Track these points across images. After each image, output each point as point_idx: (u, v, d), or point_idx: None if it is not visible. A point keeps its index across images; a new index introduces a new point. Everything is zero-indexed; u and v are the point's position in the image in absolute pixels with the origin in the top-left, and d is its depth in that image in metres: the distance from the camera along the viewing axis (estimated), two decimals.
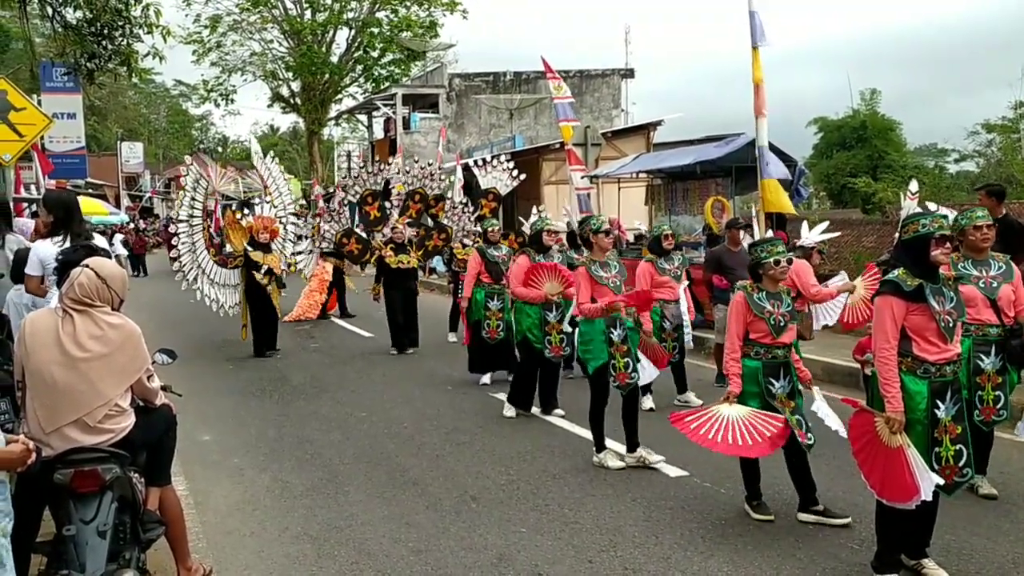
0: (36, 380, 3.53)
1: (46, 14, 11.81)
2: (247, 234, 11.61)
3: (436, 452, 6.83)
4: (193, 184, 11.29)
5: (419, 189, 12.56)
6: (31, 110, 9.63)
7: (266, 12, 36.42)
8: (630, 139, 22.34)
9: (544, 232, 8.04)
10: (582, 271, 6.41)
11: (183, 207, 11.28)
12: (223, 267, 11.50)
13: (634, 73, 32.84)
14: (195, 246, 11.24)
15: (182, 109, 62.88)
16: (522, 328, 7.89)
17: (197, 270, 11.25)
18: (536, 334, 7.80)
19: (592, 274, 6.34)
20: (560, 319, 7.80)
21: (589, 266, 6.40)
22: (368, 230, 12.43)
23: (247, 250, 11.33)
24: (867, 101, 35.19)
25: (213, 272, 11.41)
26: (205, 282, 11.30)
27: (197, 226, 11.33)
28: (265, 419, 8.06)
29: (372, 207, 12.26)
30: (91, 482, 3.42)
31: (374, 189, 12.37)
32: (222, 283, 11.48)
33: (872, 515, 4.66)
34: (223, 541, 5.09)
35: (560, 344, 7.82)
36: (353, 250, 12.19)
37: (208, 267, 11.36)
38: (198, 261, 11.25)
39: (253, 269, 11.21)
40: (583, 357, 6.40)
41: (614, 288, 6.33)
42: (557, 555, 4.79)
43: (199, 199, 11.32)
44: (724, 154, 12.56)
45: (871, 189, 25.84)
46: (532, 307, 7.78)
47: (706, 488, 5.81)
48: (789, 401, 5.13)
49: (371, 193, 12.30)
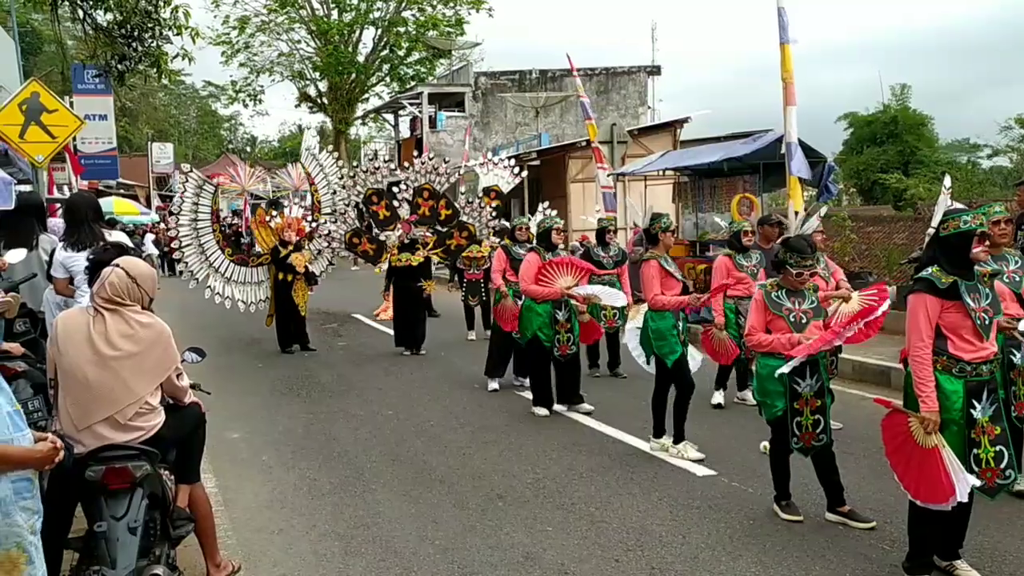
0: (68, 378, 3.58)
1: (77, 16, 11.95)
2: (275, 233, 11.81)
3: (462, 450, 6.84)
4: (195, 190, 11.55)
5: (426, 185, 12.11)
6: (63, 112, 9.75)
7: (293, 12, 36.73)
8: (657, 136, 22.23)
9: (552, 230, 8.08)
10: (654, 264, 6.47)
11: (184, 212, 11.51)
12: (243, 266, 11.75)
13: (660, 70, 32.71)
14: (203, 247, 11.49)
15: (211, 110, 63.44)
16: (532, 327, 7.89)
17: (208, 269, 11.49)
18: (546, 333, 7.82)
19: (664, 267, 6.45)
20: (568, 319, 7.83)
21: (660, 260, 6.47)
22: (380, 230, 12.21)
23: (277, 249, 11.59)
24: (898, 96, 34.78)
25: (229, 271, 11.67)
26: (219, 281, 11.54)
27: (204, 229, 11.55)
28: (293, 417, 8.12)
29: (379, 207, 11.93)
30: (122, 479, 3.46)
31: (377, 188, 12.05)
32: (242, 281, 11.74)
33: (903, 515, 4.60)
34: (252, 538, 5.12)
35: (567, 343, 7.83)
36: (368, 250, 12.01)
37: (223, 267, 11.61)
38: (209, 261, 11.51)
39: (281, 269, 11.50)
40: (659, 352, 6.44)
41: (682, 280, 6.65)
42: (583, 554, 4.77)
43: (204, 202, 11.53)
44: (752, 151, 12.44)
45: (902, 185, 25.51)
46: (542, 306, 7.80)
47: (734, 488, 5.76)
48: (815, 400, 5.07)
49: (375, 192, 11.98)
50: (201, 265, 11.46)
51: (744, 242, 7.90)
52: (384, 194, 12.12)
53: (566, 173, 21.90)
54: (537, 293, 7.73)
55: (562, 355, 7.86)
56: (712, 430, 7.16)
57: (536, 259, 7.85)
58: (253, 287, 11.86)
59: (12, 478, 2.92)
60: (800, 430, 5.06)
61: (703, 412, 7.70)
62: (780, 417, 5.08)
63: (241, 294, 11.72)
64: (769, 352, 5.08)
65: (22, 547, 2.91)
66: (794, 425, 5.06)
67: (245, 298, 11.79)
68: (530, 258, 7.96)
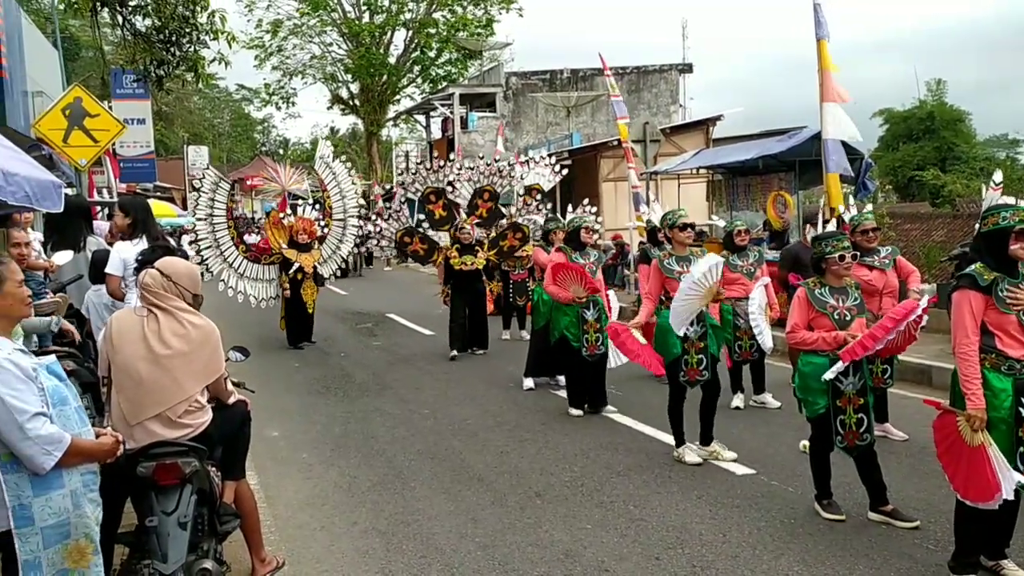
0: (122, 375, 3.66)
1: (116, 22, 12.14)
2: (286, 234, 12.07)
3: (500, 449, 6.86)
4: (211, 187, 11.74)
5: (487, 187, 12.12)
6: (105, 116, 9.95)
7: (325, 15, 37.07)
8: (689, 135, 22.16)
9: (582, 229, 7.99)
10: (653, 264, 6.42)
11: (200, 208, 11.70)
12: (256, 263, 11.99)
13: (692, 68, 32.57)
14: (219, 243, 11.69)
15: (244, 113, 64.21)
16: (559, 327, 7.88)
17: (223, 264, 11.71)
18: (573, 332, 7.79)
19: (663, 267, 6.32)
20: (597, 318, 7.78)
21: (662, 260, 6.38)
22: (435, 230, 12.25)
23: (282, 248, 11.94)
24: (934, 91, 34.29)
25: (243, 267, 11.89)
26: (233, 276, 11.77)
27: (220, 225, 11.73)
28: (331, 416, 8.20)
29: (436, 206, 11.93)
30: (172, 475, 3.52)
31: (436, 187, 12.08)
32: (254, 277, 11.96)
33: (947, 515, 4.56)
34: (294, 534, 5.19)
35: (595, 343, 7.79)
36: (418, 250, 11.97)
37: (236, 262, 11.83)
38: (224, 256, 11.72)
39: (285, 269, 11.91)
40: (658, 351, 6.34)
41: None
42: (623, 552, 4.78)
43: (220, 200, 11.71)
44: (787, 148, 12.36)
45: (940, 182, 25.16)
46: (570, 307, 7.76)
47: (774, 487, 5.73)
48: (857, 398, 5.03)
49: (434, 191, 12.00)
50: (216, 260, 11.68)
51: (737, 242, 7.83)
52: (443, 194, 12.10)
53: (598, 172, 21.88)
54: (554, 294, 7.73)
55: (590, 354, 7.81)
56: (751, 430, 7.13)
57: (562, 257, 7.83)
58: (264, 284, 12.07)
59: (81, 471, 3.02)
60: (844, 429, 5.01)
61: (735, 413, 7.66)
62: (822, 415, 5.05)
63: (252, 289, 11.94)
64: (812, 349, 5.04)
65: (90, 537, 3.00)
66: (837, 424, 5.02)
67: (256, 294, 12.00)
68: (555, 256, 7.95)
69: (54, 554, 2.94)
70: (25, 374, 2.90)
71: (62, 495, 2.95)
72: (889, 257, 6.58)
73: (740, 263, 7.77)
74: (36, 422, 2.86)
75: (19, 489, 2.90)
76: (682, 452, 6.33)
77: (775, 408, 7.74)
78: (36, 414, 2.87)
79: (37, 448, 2.86)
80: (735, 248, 7.84)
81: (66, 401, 3.04)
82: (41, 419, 2.88)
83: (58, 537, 2.94)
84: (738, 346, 7.75)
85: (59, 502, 2.94)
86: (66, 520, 2.96)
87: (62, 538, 2.95)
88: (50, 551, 2.92)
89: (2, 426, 2.84)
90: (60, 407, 3.00)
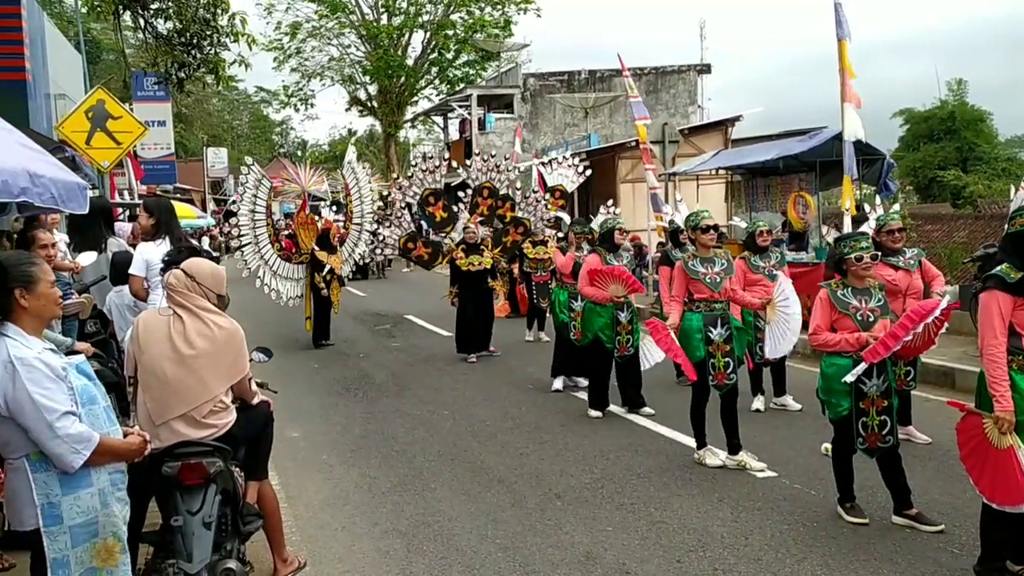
0: (148, 375, 3.69)
1: (138, 25, 12.25)
2: (317, 234, 12.20)
3: (519, 450, 6.86)
4: (255, 183, 11.74)
5: (486, 184, 12.02)
6: (127, 118, 10.04)
7: (344, 18, 37.24)
8: (707, 135, 22.08)
9: (616, 230, 7.97)
10: (678, 266, 6.39)
11: (244, 203, 11.76)
12: (287, 261, 12.07)
13: (710, 68, 32.42)
14: (258, 239, 11.74)
15: (263, 114, 64.57)
16: (594, 328, 7.87)
17: (259, 261, 11.77)
18: (608, 334, 7.79)
19: (687, 269, 6.29)
20: (630, 320, 7.78)
21: (687, 261, 6.35)
22: (437, 232, 12.19)
23: (314, 250, 12.05)
24: (954, 91, 34.02)
25: (277, 265, 11.96)
26: (268, 273, 11.84)
27: (260, 222, 11.78)
28: (350, 416, 8.22)
29: (436, 207, 11.84)
30: (197, 474, 3.55)
31: (435, 188, 11.94)
32: (285, 276, 12.05)
33: (971, 519, 4.52)
34: (316, 535, 5.21)
35: (627, 344, 7.79)
36: (423, 255, 11.94)
37: (272, 260, 11.90)
38: (261, 253, 11.78)
39: (316, 269, 11.97)
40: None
41: (711, 284, 6.23)
42: (645, 554, 4.76)
43: (262, 197, 11.76)
44: (808, 148, 12.26)
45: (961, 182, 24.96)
46: (604, 307, 7.76)
47: (796, 489, 5.69)
48: (881, 400, 4.99)
49: (432, 193, 11.86)
50: (254, 256, 11.76)
51: (759, 242, 7.77)
52: (442, 195, 12.02)
53: (616, 174, 21.84)
54: (590, 295, 7.71)
55: (620, 355, 7.83)
56: (772, 433, 7.09)
57: (596, 260, 7.81)
58: (293, 283, 12.18)
59: (109, 469, 3.05)
60: (866, 431, 4.98)
61: (756, 416, 7.63)
62: (845, 417, 5.01)
63: (283, 288, 12.05)
64: (835, 351, 5.01)
65: (118, 536, 3.03)
66: (859, 426, 4.98)
67: (286, 292, 12.11)
68: (590, 259, 7.93)
69: (82, 552, 2.96)
70: (55, 373, 2.93)
71: (90, 494, 2.98)
72: (915, 258, 6.52)
73: (762, 264, 7.71)
74: (65, 421, 2.88)
75: (48, 488, 2.93)
76: (703, 454, 6.31)
77: (796, 410, 7.70)
78: (65, 413, 2.89)
79: (66, 447, 2.89)
80: (757, 249, 7.78)
81: (95, 400, 3.06)
82: (70, 418, 2.90)
83: (86, 536, 2.97)
84: (759, 348, 7.70)
85: (87, 501, 2.97)
86: (94, 519, 2.99)
87: (90, 537, 2.98)
88: (78, 550, 2.95)
89: (32, 425, 2.87)
90: (89, 406, 3.02)
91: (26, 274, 3.01)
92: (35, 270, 3.04)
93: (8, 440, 2.96)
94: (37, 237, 5.30)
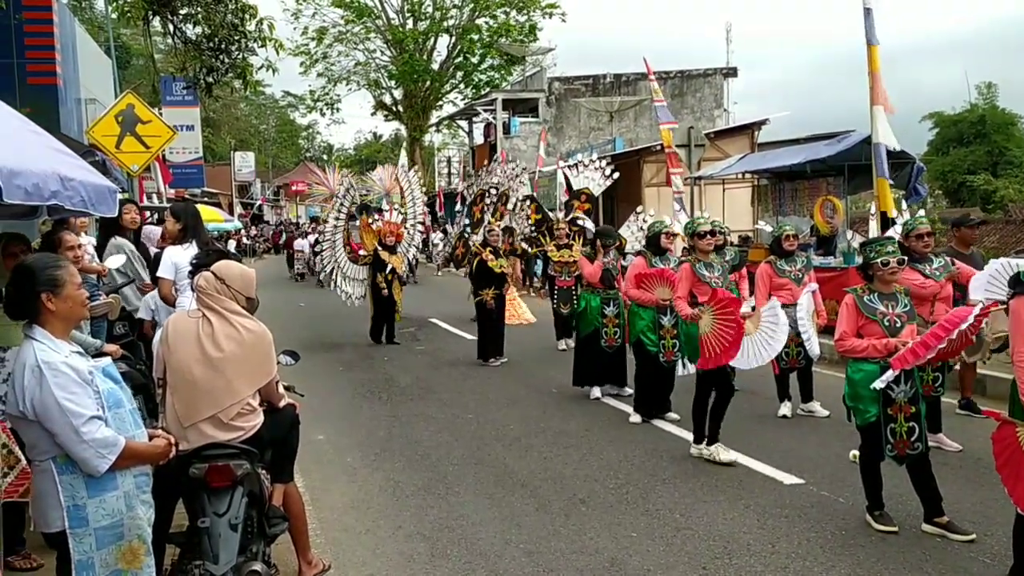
0: (177, 376, 3.71)
1: (167, 31, 12.39)
2: (376, 236, 12.86)
3: (543, 455, 6.84)
4: (345, 191, 12.71)
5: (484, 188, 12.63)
6: (156, 123, 10.14)
7: (370, 23, 37.45)
8: (733, 139, 21.93)
9: (663, 235, 7.84)
10: (686, 267, 6.49)
11: (333, 210, 12.68)
12: (355, 263, 12.96)
13: (736, 72, 32.25)
14: (335, 244, 12.63)
15: (290, 119, 65.13)
16: (635, 331, 7.79)
17: (333, 264, 12.58)
18: (651, 337, 7.69)
19: (696, 272, 6.40)
20: (675, 323, 7.68)
21: (694, 264, 6.44)
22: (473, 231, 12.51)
23: (377, 250, 12.76)
24: (984, 95, 33.64)
25: (347, 268, 12.73)
26: (340, 276, 12.64)
27: (340, 227, 12.63)
28: (375, 419, 8.25)
29: (478, 207, 12.34)
30: (224, 477, 3.56)
31: (484, 189, 12.46)
32: (353, 277, 12.80)
33: (1003, 527, 4.45)
34: (340, 537, 5.23)
35: (673, 348, 7.69)
36: (459, 254, 12.32)
37: (344, 263, 12.68)
38: (335, 257, 12.59)
39: (379, 269, 12.65)
40: (690, 356, 6.47)
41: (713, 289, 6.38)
42: (670, 561, 4.72)
43: (346, 204, 12.66)
44: (836, 152, 12.15)
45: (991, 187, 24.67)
46: (646, 310, 7.68)
47: (823, 496, 5.63)
48: (909, 407, 4.93)
49: (482, 192, 12.39)
50: (331, 260, 12.57)
51: (786, 247, 7.69)
52: (484, 196, 12.57)
53: (641, 178, 21.75)
54: (636, 297, 7.67)
55: (667, 360, 7.69)
56: (799, 439, 7.02)
57: (642, 263, 7.75)
58: (358, 284, 12.93)
59: (134, 472, 3.07)
60: (894, 437, 4.92)
61: (783, 422, 7.57)
62: (872, 423, 4.95)
63: (351, 288, 12.79)
64: (862, 357, 4.95)
65: (142, 539, 3.05)
66: (888, 432, 4.92)
67: (353, 292, 12.90)
68: (636, 262, 7.90)
69: (107, 555, 2.98)
70: (82, 377, 2.95)
71: (116, 496, 3.00)
72: (942, 270, 6.40)
73: (788, 268, 7.65)
74: (91, 425, 2.91)
75: (74, 490, 2.95)
76: (715, 451, 6.42)
77: (823, 416, 7.61)
78: (92, 417, 2.92)
79: (92, 451, 2.91)
80: (783, 253, 7.72)
81: (121, 404, 3.09)
82: (96, 423, 2.93)
83: (112, 538, 2.99)
84: (785, 353, 7.63)
85: (113, 503, 2.99)
86: (120, 521, 3.01)
87: (116, 539, 3.00)
88: (103, 552, 2.97)
89: (58, 429, 2.89)
90: (115, 409, 3.05)
91: (52, 277, 3.04)
92: (61, 273, 3.07)
93: (35, 443, 2.99)
94: (63, 239, 5.36)
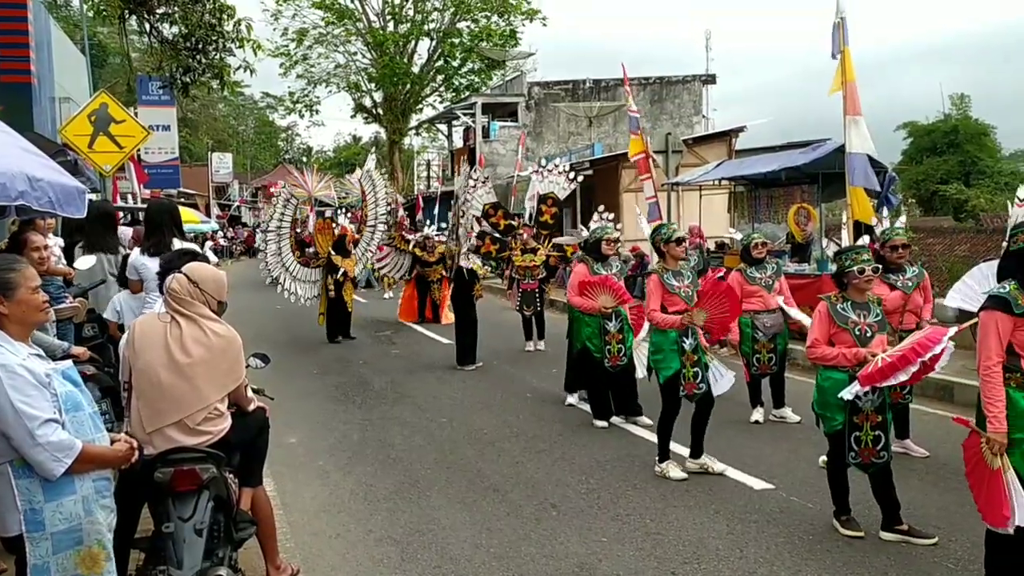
0: (142, 381, 3.67)
1: (144, 30, 12.32)
2: (333, 239, 13.59)
3: (516, 459, 6.85)
4: (284, 201, 13.31)
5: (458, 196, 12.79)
6: (130, 123, 10.06)
7: (350, 25, 37.31)
8: (711, 146, 22.05)
9: (603, 241, 7.93)
10: (654, 278, 6.32)
11: (273, 220, 13.32)
12: (306, 267, 13.54)
13: (715, 79, 32.44)
14: (281, 250, 13.30)
15: (269, 120, 64.69)
16: (581, 337, 7.87)
17: (280, 268, 13.27)
18: (595, 343, 7.77)
19: (664, 282, 6.24)
20: (620, 329, 7.75)
21: (661, 274, 6.29)
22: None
23: (330, 254, 13.48)
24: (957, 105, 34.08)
25: (296, 271, 13.42)
26: (287, 278, 13.31)
27: (285, 234, 13.26)
28: (348, 423, 8.22)
29: (497, 217, 12.44)
30: (190, 481, 3.53)
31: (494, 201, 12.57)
32: (303, 279, 13.50)
33: (967, 533, 4.52)
34: (310, 541, 5.20)
35: (618, 354, 7.77)
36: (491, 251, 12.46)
37: (292, 267, 13.31)
38: (283, 262, 13.30)
39: (331, 271, 13.37)
40: (654, 366, 6.31)
41: (685, 298, 6.19)
42: (639, 566, 4.74)
43: (288, 213, 13.26)
44: (810, 160, 12.25)
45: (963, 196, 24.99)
46: (591, 317, 7.74)
47: (792, 502, 5.67)
48: (875, 415, 4.98)
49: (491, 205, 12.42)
50: (276, 265, 13.25)
51: (755, 254, 7.78)
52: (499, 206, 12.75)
53: (619, 183, 21.83)
54: (579, 305, 7.70)
55: (612, 365, 7.80)
56: (770, 445, 7.07)
57: (584, 270, 7.81)
58: (310, 285, 13.53)
59: (93, 477, 3.03)
60: (859, 445, 4.97)
61: (754, 428, 7.62)
62: (839, 431, 5.00)
63: (301, 290, 13.43)
64: (832, 365, 4.99)
65: (102, 544, 3.01)
66: (852, 440, 4.97)
67: (304, 294, 13.45)
68: (578, 269, 7.92)
69: (65, 559, 2.94)
70: (38, 380, 2.92)
71: (73, 501, 2.96)
72: (914, 280, 6.49)
73: (758, 275, 7.73)
74: (46, 429, 2.87)
75: (31, 494, 2.91)
76: (666, 467, 6.26)
77: (795, 422, 7.68)
78: (47, 421, 2.88)
79: (47, 455, 2.87)
80: (753, 261, 7.80)
81: (80, 407, 3.05)
82: (52, 426, 2.89)
83: (70, 543, 2.95)
84: (756, 359, 7.71)
85: (71, 508, 2.96)
86: (78, 526, 2.97)
87: (74, 544, 2.96)
88: (60, 556, 2.93)
89: (13, 432, 2.85)
90: (74, 413, 3.01)
91: (4, 280, 3.00)
92: (14, 276, 3.03)
93: None
94: (29, 240, 5.31)
